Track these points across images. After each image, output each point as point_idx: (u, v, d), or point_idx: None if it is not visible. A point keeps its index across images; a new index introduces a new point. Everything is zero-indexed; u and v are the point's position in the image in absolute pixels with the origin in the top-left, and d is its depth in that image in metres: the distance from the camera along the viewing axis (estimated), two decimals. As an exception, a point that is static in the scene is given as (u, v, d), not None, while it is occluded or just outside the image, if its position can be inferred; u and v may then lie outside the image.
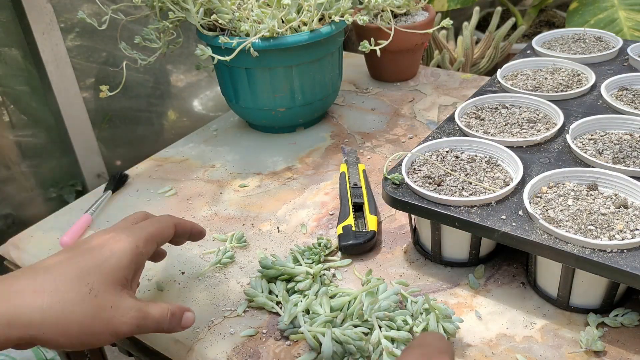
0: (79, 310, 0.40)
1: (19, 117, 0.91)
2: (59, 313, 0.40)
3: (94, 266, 0.43)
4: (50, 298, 0.40)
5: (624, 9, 1.22)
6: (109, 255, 0.44)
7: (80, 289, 0.41)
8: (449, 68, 1.31)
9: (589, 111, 0.65)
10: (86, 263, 0.43)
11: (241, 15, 0.74)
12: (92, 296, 0.41)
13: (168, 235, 0.50)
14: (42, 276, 0.42)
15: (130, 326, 0.42)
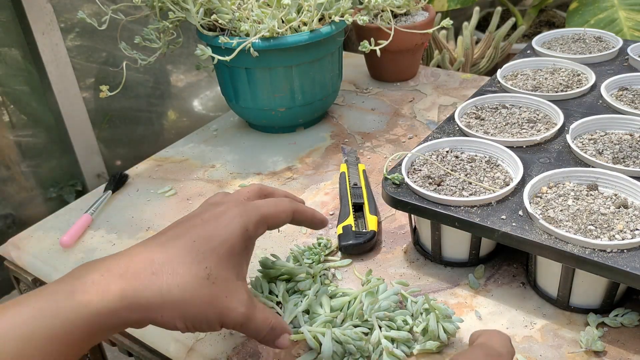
0: (197, 296, 0.39)
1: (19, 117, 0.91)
2: (178, 297, 0.39)
3: (210, 250, 0.41)
4: (169, 281, 0.39)
5: (624, 9, 1.22)
6: (224, 237, 0.42)
7: (199, 274, 0.40)
8: (449, 68, 1.31)
9: (589, 111, 0.65)
10: (202, 243, 0.41)
11: (241, 15, 0.74)
12: (210, 282, 0.40)
13: (282, 220, 0.47)
14: (158, 255, 0.40)
15: (235, 324, 0.42)
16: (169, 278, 0.39)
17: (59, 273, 0.63)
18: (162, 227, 0.67)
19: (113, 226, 0.69)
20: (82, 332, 0.36)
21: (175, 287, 0.39)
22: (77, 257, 0.64)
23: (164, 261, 0.40)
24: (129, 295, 0.38)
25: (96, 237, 0.67)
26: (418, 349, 0.48)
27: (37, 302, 0.37)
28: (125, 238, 0.66)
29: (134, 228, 0.68)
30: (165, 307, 0.39)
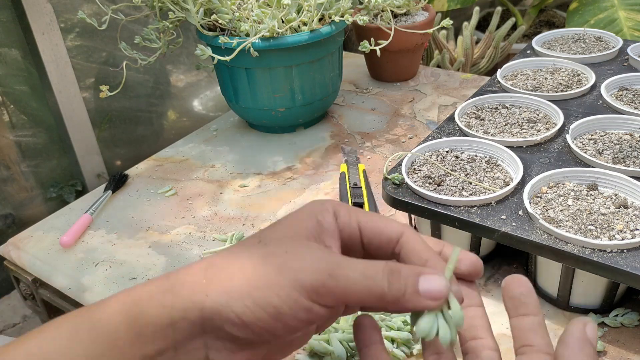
0: (245, 260, 0.31)
1: (19, 117, 0.91)
2: (220, 270, 0.31)
3: (273, 225, 0.34)
4: (212, 260, 0.32)
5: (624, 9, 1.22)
6: (291, 214, 0.34)
7: (248, 242, 0.33)
8: (449, 68, 1.31)
9: (589, 111, 0.65)
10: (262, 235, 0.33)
11: (241, 15, 0.74)
12: (261, 245, 0.32)
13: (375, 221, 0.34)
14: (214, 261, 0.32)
15: (316, 273, 0.29)
16: (214, 257, 0.32)
17: (59, 273, 0.63)
18: (162, 227, 0.68)
19: (113, 226, 0.69)
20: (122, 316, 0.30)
21: (218, 261, 0.32)
22: (77, 257, 0.64)
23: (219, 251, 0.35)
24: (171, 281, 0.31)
25: (96, 237, 0.67)
26: (418, 349, 0.48)
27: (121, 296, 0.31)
28: (125, 238, 0.66)
29: (134, 228, 0.68)
30: (208, 281, 0.30)
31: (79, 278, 0.61)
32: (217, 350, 0.31)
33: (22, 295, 0.70)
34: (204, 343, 0.31)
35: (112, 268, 0.62)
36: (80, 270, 0.62)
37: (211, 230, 0.66)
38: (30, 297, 0.69)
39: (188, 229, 0.67)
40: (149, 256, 0.63)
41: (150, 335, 0.30)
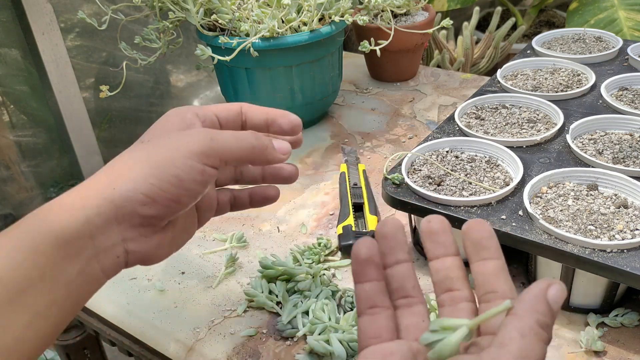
0: (138, 154, 0.37)
1: (19, 117, 0.91)
2: (121, 166, 0.36)
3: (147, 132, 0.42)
4: (110, 167, 0.37)
5: (624, 9, 1.22)
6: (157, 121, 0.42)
7: (135, 146, 0.39)
8: (449, 68, 1.31)
9: (589, 111, 0.65)
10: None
11: (241, 15, 0.74)
12: (146, 143, 0.38)
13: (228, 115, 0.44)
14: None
15: (201, 141, 0.36)
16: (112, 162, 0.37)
17: (59, 273, 0.63)
18: (162, 227, 0.68)
19: (113, 226, 0.69)
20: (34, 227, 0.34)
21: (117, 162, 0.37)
22: (77, 257, 0.64)
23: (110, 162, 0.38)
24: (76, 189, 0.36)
25: (96, 237, 0.67)
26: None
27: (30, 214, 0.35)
28: (125, 238, 0.66)
29: (134, 228, 0.68)
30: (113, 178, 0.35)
31: (79, 278, 0.61)
32: (133, 240, 0.36)
33: (22, 295, 0.70)
34: (121, 235, 0.36)
35: (112, 268, 0.62)
36: (80, 270, 0.62)
37: (211, 230, 0.66)
38: (30, 297, 0.69)
39: (188, 229, 0.67)
40: (149, 256, 0.63)
41: (68, 237, 0.33)
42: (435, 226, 0.33)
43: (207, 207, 0.44)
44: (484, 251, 0.31)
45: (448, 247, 0.33)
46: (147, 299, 0.57)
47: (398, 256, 0.34)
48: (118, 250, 0.36)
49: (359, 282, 0.32)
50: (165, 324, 0.54)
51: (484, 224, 0.32)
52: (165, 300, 0.57)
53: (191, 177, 0.36)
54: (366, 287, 0.32)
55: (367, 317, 0.31)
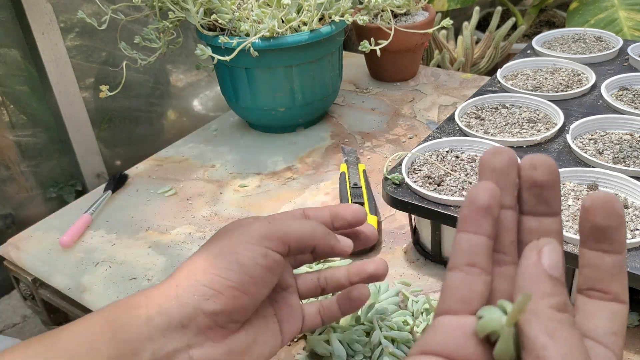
0: (200, 251, 0.36)
1: (19, 117, 0.91)
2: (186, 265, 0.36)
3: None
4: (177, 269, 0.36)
5: (624, 8, 1.22)
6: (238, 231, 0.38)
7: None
8: (449, 68, 1.31)
9: (589, 111, 0.65)
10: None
11: (241, 15, 0.74)
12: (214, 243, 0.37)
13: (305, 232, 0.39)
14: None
15: (261, 225, 0.36)
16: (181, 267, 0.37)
17: (58, 273, 0.63)
18: (162, 227, 0.68)
19: (113, 226, 0.69)
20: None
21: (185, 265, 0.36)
22: (77, 257, 0.64)
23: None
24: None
25: (96, 237, 0.67)
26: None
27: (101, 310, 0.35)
28: (125, 238, 0.66)
29: (134, 228, 0.68)
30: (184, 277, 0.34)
31: (78, 278, 0.61)
32: (200, 346, 0.33)
33: (22, 295, 0.70)
34: (186, 341, 0.33)
35: (111, 268, 0.62)
36: (80, 271, 0.62)
37: (211, 231, 0.66)
38: (30, 297, 0.69)
39: (188, 229, 0.67)
40: (149, 256, 0.63)
41: (126, 336, 0.32)
42: (543, 177, 0.26)
43: (288, 317, 0.40)
44: (607, 242, 0.25)
45: (552, 205, 0.27)
46: (147, 299, 0.57)
47: (505, 200, 0.27)
48: (181, 358, 0.33)
49: (466, 231, 0.26)
50: (165, 324, 0.54)
51: (615, 204, 0.24)
52: (165, 300, 0.57)
53: (254, 262, 0.34)
54: (474, 240, 0.25)
55: (462, 276, 0.25)
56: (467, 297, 0.25)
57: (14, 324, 0.98)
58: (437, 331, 0.24)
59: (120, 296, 0.58)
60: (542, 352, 0.21)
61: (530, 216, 0.27)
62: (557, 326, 0.22)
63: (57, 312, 0.69)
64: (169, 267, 0.61)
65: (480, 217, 0.25)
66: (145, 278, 0.60)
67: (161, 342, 0.32)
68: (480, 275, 0.25)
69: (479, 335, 0.24)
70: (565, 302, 0.23)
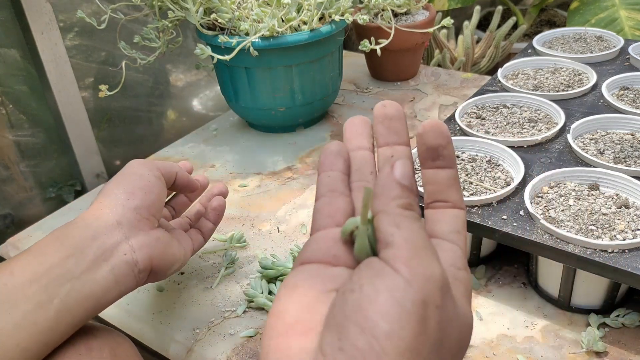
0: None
1: (18, 116, 0.91)
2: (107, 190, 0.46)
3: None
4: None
5: (625, 8, 1.22)
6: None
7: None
8: (449, 67, 1.31)
9: (590, 111, 0.65)
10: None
11: (241, 14, 0.74)
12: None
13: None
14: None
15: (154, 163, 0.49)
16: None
17: (57, 273, 0.62)
18: (161, 227, 0.67)
19: (112, 226, 0.68)
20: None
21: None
22: (76, 257, 0.64)
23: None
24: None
25: (95, 237, 0.67)
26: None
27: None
28: (125, 238, 0.66)
29: (133, 228, 0.68)
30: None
31: (78, 278, 0.61)
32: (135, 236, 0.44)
33: (21, 296, 0.70)
34: (124, 235, 0.43)
35: (111, 268, 0.61)
36: (79, 271, 0.62)
37: (211, 231, 0.66)
38: (29, 298, 0.68)
39: (187, 229, 0.66)
40: (148, 256, 0.63)
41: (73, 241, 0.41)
42: (391, 111, 0.32)
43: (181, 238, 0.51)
44: (440, 159, 0.30)
45: (401, 136, 0.32)
46: (146, 299, 0.57)
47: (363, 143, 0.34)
48: (124, 247, 0.42)
49: (324, 170, 0.32)
50: (165, 324, 0.54)
51: (441, 127, 0.30)
52: (164, 300, 0.57)
53: (148, 174, 0.47)
54: (331, 174, 0.32)
55: (326, 199, 0.31)
56: (332, 212, 0.30)
57: (13, 324, 0.98)
58: (311, 244, 0.29)
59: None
60: (390, 239, 0.25)
61: (385, 147, 0.32)
62: (403, 220, 0.26)
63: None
64: (169, 267, 0.61)
65: (333, 158, 0.32)
66: (145, 278, 0.60)
67: (103, 238, 0.41)
68: (340, 196, 0.31)
69: (342, 239, 0.28)
70: (411, 203, 0.27)
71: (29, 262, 0.40)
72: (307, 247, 0.29)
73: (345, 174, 0.32)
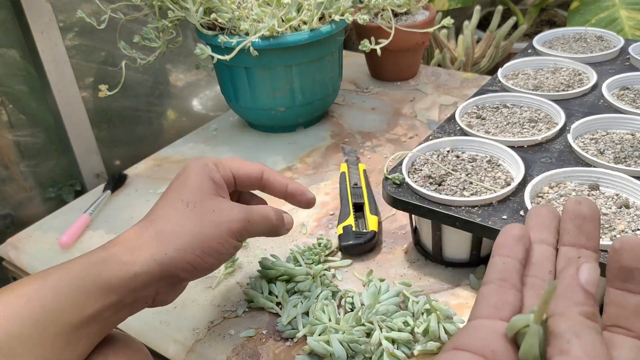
0: (186, 222, 0.42)
1: (18, 116, 0.91)
2: (171, 232, 0.42)
3: (181, 186, 0.45)
4: (158, 224, 0.42)
5: (625, 8, 1.22)
6: (189, 174, 0.45)
7: (178, 206, 0.43)
8: (449, 67, 1.31)
9: (590, 111, 0.65)
10: (174, 187, 0.45)
11: (241, 14, 0.74)
12: (190, 207, 0.43)
13: (249, 172, 0.48)
14: (146, 217, 0.44)
15: (240, 222, 0.44)
16: (158, 222, 0.42)
17: (57, 273, 0.62)
18: (161, 227, 0.67)
19: (112, 226, 0.68)
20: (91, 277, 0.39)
21: (165, 225, 0.42)
22: (76, 257, 0.64)
23: (148, 218, 0.43)
24: (129, 245, 0.41)
25: (95, 237, 0.67)
26: (419, 350, 0.48)
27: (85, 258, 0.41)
28: (125, 238, 0.66)
29: (133, 228, 0.68)
30: (164, 243, 0.41)
31: (77, 278, 0.61)
32: (164, 293, 0.43)
33: (21, 296, 0.70)
34: (156, 289, 0.41)
35: (111, 268, 0.61)
36: (79, 271, 0.62)
37: (211, 231, 0.66)
38: (29, 298, 0.68)
39: (187, 229, 0.66)
40: (148, 256, 0.63)
41: (114, 287, 0.39)
42: (586, 210, 0.30)
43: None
44: (631, 282, 0.27)
45: (592, 239, 0.30)
46: (146, 299, 0.57)
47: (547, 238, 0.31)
48: (149, 300, 0.42)
49: (500, 254, 0.29)
50: (165, 324, 0.54)
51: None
52: (164, 300, 0.57)
53: (228, 251, 0.44)
54: (506, 261, 0.29)
55: (494, 287, 0.28)
56: (499, 303, 0.27)
57: (13, 324, 0.98)
58: (469, 330, 0.27)
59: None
60: (567, 346, 0.23)
61: (571, 247, 0.29)
62: (584, 329, 0.24)
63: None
64: (169, 267, 0.61)
65: (513, 243, 0.29)
66: (145, 278, 0.60)
67: (141, 292, 0.40)
68: (511, 289, 0.28)
69: (508, 335, 0.25)
70: (594, 313, 0.25)
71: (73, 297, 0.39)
72: (465, 333, 0.27)
73: (522, 264, 0.29)
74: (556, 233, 0.31)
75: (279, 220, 0.48)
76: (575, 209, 0.30)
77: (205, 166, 0.46)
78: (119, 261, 0.40)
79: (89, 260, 0.40)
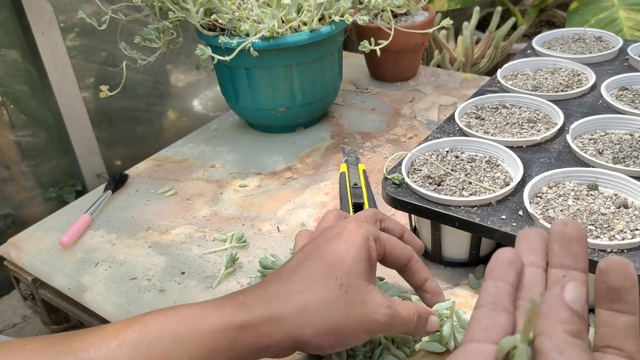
0: (334, 308, 0.40)
1: (19, 117, 0.91)
2: (315, 313, 0.40)
3: (337, 262, 0.42)
4: (305, 298, 0.40)
5: (624, 8, 1.22)
6: (348, 247, 0.42)
7: (330, 285, 0.41)
8: (449, 68, 1.31)
9: (589, 111, 0.65)
10: (329, 257, 0.42)
11: (241, 15, 0.74)
12: (342, 292, 0.41)
13: (399, 254, 0.46)
14: (292, 277, 0.42)
15: (381, 324, 0.41)
16: (304, 296, 0.40)
17: (58, 273, 0.63)
18: (162, 227, 0.68)
19: (113, 226, 0.69)
20: (226, 341, 0.38)
21: (311, 302, 0.40)
22: (77, 257, 0.64)
23: (296, 281, 0.41)
24: (270, 315, 0.39)
25: (96, 237, 0.67)
26: (419, 348, 0.48)
27: (189, 310, 0.39)
28: (125, 238, 0.66)
29: (134, 228, 0.68)
30: (304, 325, 0.39)
31: (78, 278, 0.61)
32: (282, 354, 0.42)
33: (22, 296, 0.70)
34: (277, 353, 0.41)
35: (112, 268, 0.62)
36: (80, 271, 0.62)
37: (211, 230, 0.66)
38: (30, 297, 0.69)
39: (188, 229, 0.67)
40: (149, 256, 0.63)
41: (243, 354, 0.39)
42: (572, 232, 0.30)
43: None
44: (620, 303, 0.27)
45: (578, 261, 0.30)
46: (147, 299, 0.57)
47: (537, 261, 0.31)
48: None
49: (492, 278, 0.30)
50: (165, 324, 0.54)
51: (628, 268, 0.27)
52: (165, 300, 0.57)
53: (359, 343, 0.42)
54: (498, 284, 0.30)
55: (486, 310, 0.29)
56: (490, 326, 0.28)
57: (14, 324, 0.98)
58: (460, 355, 0.27)
59: (120, 296, 0.58)
60: None
61: (559, 268, 0.30)
62: (568, 346, 0.24)
63: (57, 312, 0.69)
64: (169, 267, 0.61)
65: (504, 267, 0.30)
66: (146, 278, 0.60)
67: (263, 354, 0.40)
68: (503, 312, 0.29)
69: (498, 357, 0.26)
70: (580, 331, 0.25)
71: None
72: (456, 357, 0.27)
73: (513, 287, 0.30)
74: (545, 255, 0.31)
75: (421, 324, 0.44)
76: (561, 230, 0.30)
77: (367, 241, 0.43)
78: (256, 332, 0.39)
79: (232, 322, 0.39)
